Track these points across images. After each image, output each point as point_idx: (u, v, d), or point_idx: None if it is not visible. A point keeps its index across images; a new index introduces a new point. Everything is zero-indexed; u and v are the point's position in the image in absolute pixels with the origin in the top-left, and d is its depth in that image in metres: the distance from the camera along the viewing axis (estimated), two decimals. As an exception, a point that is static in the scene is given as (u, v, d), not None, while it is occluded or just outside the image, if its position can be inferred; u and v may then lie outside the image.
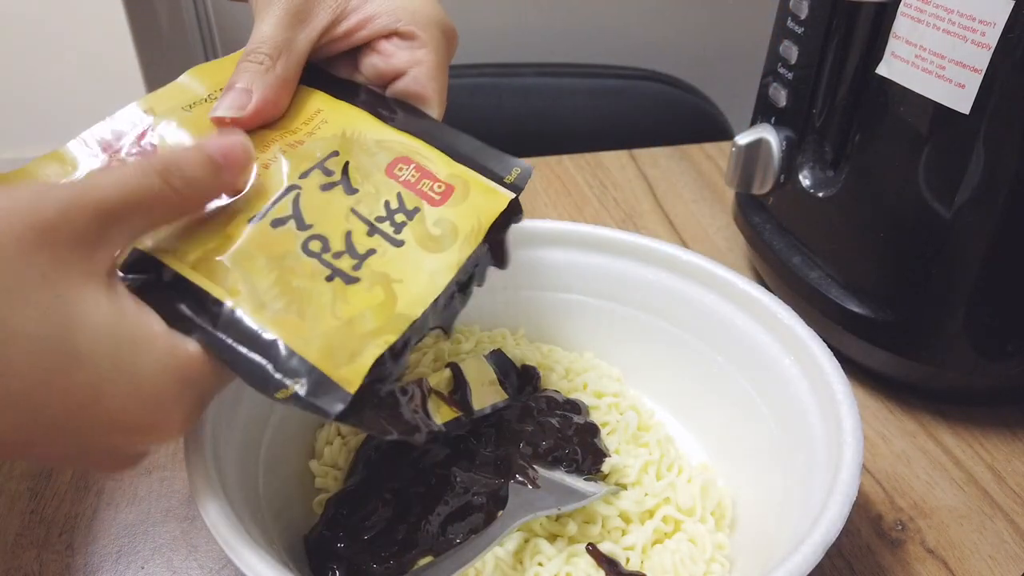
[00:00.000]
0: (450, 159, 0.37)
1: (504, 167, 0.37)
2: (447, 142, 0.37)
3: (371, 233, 0.33)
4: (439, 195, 0.36)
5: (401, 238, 0.34)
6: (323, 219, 0.33)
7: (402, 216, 0.34)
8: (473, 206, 0.36)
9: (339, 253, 0.32)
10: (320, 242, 0.32)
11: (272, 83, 0.36)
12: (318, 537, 0.37)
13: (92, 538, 0.41)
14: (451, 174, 0.36)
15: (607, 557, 0.36)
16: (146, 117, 0.35)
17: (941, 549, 0.42)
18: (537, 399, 0.42)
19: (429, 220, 0.35)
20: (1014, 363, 0.46)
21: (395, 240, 0.34)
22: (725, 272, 0.43)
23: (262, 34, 0.37)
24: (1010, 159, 0.40)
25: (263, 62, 0.36)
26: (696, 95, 0.95)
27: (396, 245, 0.33)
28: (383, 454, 0.40)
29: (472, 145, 0.38)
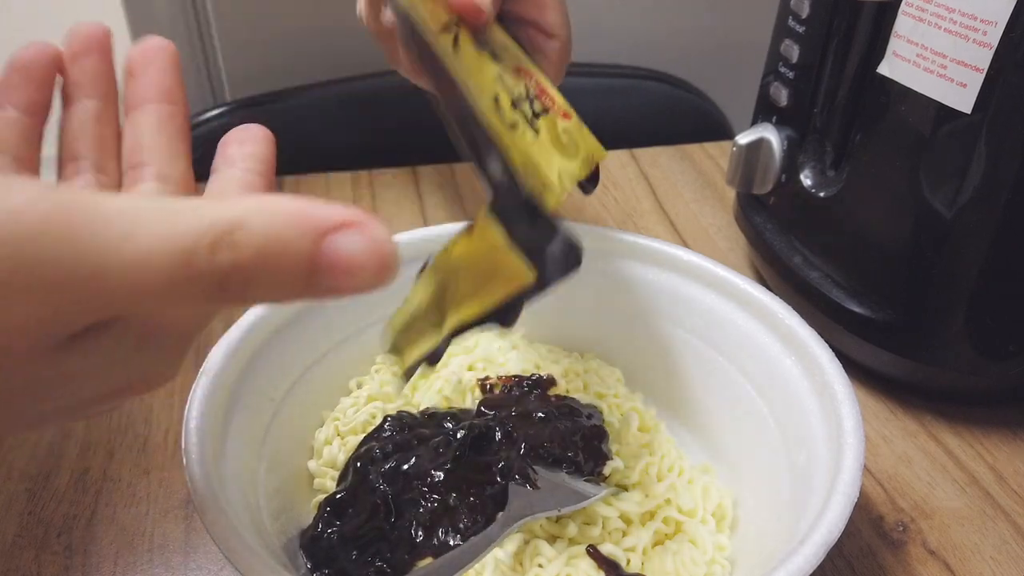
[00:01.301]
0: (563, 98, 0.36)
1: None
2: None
3: (515, 106, 0.33)
4: (561, 112, 0.35)
5: (537, 127, 0.33)
6: (477, 75, 0.33)
7: (540, 104, 0.34)
8: (587, 138, 0.35)
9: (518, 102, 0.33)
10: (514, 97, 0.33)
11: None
12: (311, 538, 0.37)
13: (91, 539, 0.41)
14: (566, 105, 0.36)
15: (608, 559, 0.36)
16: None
17: (942, 550, 0.42)
18: (553, 403, 0.42)
19: (559, 124, 0.34)
20: (1016, 363, 0.46)
21: (533, 126, 0.33)
22: (726, 272, 0.43)
23: None
24: (1012, 159, 0.39)
25: None
26: (697, 94, 0.94)
27: (534, 130, 0.33)
28: (371, 460, 0.39)
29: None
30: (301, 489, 0.41)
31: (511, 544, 0.37)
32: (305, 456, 0.43)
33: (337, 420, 0.44)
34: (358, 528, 0.36)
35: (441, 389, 0.45)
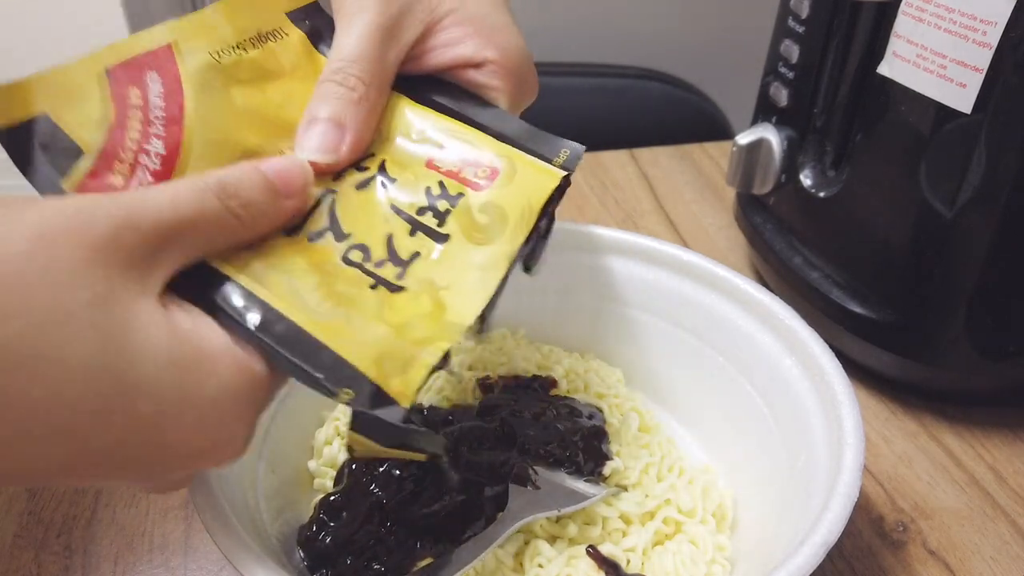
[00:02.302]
0: (494, 140, 0.34)
1: (552, 148, 0.35)
2: (491, 123, 0.35)
3: (413, 232, 0.31)
4: (484, 179, 0.33)
5: (446, 231, 0.32)
6: (362, 224, 0.31)
7: (445, 203, 0.32)
8: (521, 187, 0.33)
9: (381, 261, 0.31)
10: (361, 252, 0.30)
11: (365, 116, 0.33)
12: (306, 539, 0.37)
13: (90, 539, 0.41)
14: (496, 154, 0.34)
15: (608, 559, 0.36)
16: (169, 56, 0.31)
17: (942, 550, 0.42)
18: (554, 404, 0.42)
19: (475, 206, 0.32)
20: (1016, 363, 0.46)
21: (439, 235, 0.32)
22: (726, 272, 0.43)
23: (351, 49, 0.33)
24: (1011, 159, 0.39)
25: (355, 88, 0.32)
26: (697, 94, 0.94)
27: (441, 241, 0.31)
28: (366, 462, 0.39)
29: (518, 126, 0.35)
30: (301, 489, 0.41)
31: (511, 544, 0.37)
32: (305, 456, 0.43)
33: (337, 420, 0.44)
34: (352, 534, 0.36)
35: (442, 389, 0.45)
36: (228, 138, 0.32)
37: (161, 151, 0.30)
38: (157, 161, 0.30)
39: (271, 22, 0.35)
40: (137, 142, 0.30)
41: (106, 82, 0.30)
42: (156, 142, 0.30)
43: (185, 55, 0.31)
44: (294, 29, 0.35)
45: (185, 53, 0.32)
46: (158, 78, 0.31)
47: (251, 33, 0.34)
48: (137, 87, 0.30)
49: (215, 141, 0.31)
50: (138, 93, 0.30)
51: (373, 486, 0.37)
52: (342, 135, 0.32)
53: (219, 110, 0.32)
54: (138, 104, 0.30)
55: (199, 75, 0.32)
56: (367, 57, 0.33)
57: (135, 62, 0.30)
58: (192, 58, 0.32)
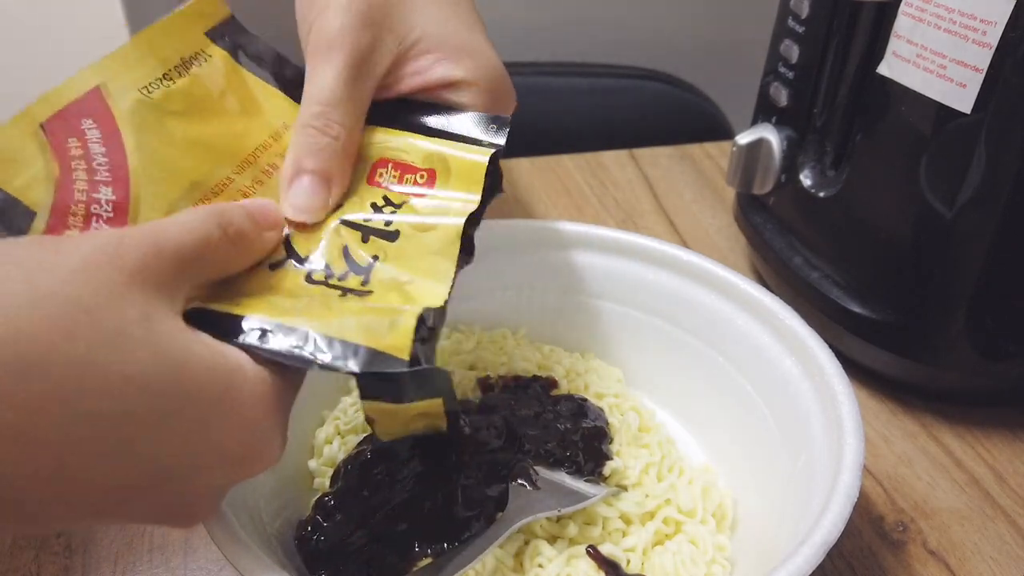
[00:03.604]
0: (422, 136, 0.35)
1: (480, 125, 0.36)
2: (415, 121, 0.36)
3: (366, 238, 0.33)
4: (424, 185, 0.34)
5: (395, 228, 0.33)
6: (316, 245, 0.32)
7: (391, 208, 0.34)
8: (460, 183, 0.34)
9: (344, 274, 0.31)
10: (323, 271, 0.31)
11: (347, 163, 0.33)
12: (301, 539, 0.37)
13: (90, 539, 0.41)
14: (427, 156, 0.35)
15: (608, 559, 0.36)
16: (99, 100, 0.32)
17: (942, 550, 0.42)
18: (556, 401, 0.42)
19: (420, 208, 0.34)
20: (1016, 364, 0.46)
21: (389, 233, 0.33)
22: (726, 272, 0.43)
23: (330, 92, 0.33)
24: (1012, 159, 0.39)
25: (338, 136, 0.33)
26: (697, 94, 0.94)
27: (392, 239, 0.33)
28: (361, 464, 0.39)
29: (442, 116, 0.36)
30: (301, 488, 0.41)
31: (511, 544, 0.37)
32: (305, 455, 0.43)
33: (337, 419, 0.44)
34: (346, 536, 0.36)
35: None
36: (173, 173, 0.32)
37: (111, 197, 0.30)
38: (109, 208, 0.30)
39: (192, 45, 0.35)
40: (86, 192, 0.30)
41: (43, 137, 0.30)
42: (105, 189, 0.30)
43: (115, 96, 0.32)
44: (215, 49, 0.36)
45: (114, 93, 0.32)
46: (93, 124, 0.31)
47: (175, 61, 0.34)
48: (75, 136, 0.30)
49: (161, 178, 0.31)
50: (77, 143, 0.30)
51: (365, 490, 0.37)
52: (328, 190, 0.33)
53: (159, 146, 0.32)
54: (79, 154, 0.30)
55: (133, 114, 0.32)
56: (346, 99, 0.33)
57: (67, 112, 0.31)
58: (122, 98, 0.32)
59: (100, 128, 0.31)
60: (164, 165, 0.32)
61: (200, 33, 0.36)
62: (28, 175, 0.29)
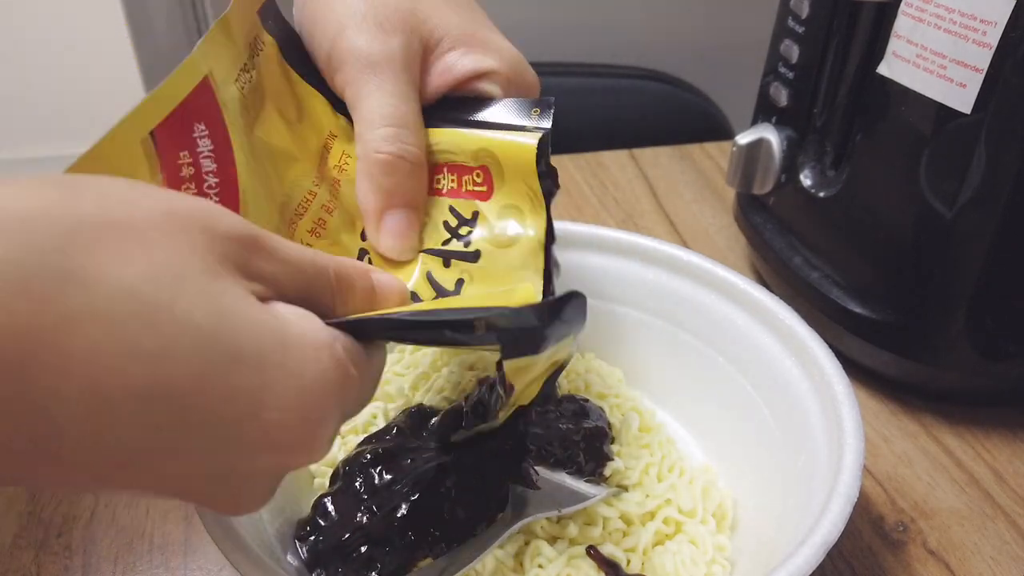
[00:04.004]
0: (466, 132, 0.34)
1: (522, 113, 0.34)
2: (456, 116, 0.34)
3: (447, 263, 0.31)
4: (482, 185, 0.33)
5: (475, 248, 0.32)
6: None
7: (466, 228, 0.32)
8: (515, 173, 0.33)
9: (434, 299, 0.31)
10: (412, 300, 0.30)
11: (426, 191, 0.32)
12: (300, 538, 0.37)
13: (90, 539, 0.41)
14: (477, 152, 0.33)
15: (608, 559, 0.36)
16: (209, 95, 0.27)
17: (942, 550, 0.42)
18: (557, 401, 0.42)
19: (492, 219, 0.32)
20: (1016, 364, 0.46)
21: (470, 254, 0.31)
22: (726, 272, 0.43)
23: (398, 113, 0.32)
24: (1012, 159, 0.39)
25: (417, 161, 0.32)
26: (697, 95, 0.94)
27: (474, 260, 0.31)
28: (360, 465, 0.39)
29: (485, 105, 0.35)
30: (301, 488, 0.41)
31: (511, 545, 0.37)
32: (305, 456, 0.43)
33: (337, 420, 0.43)
34: (343, 537, 0.36)
35: (442, 389, 0.45)
36: (268, 191, 0.29)
37: None
38: None
39: (253, 28, 0.32)
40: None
41: (152, 150, 0.26)
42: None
43: (220, 88, 0.28)
44: (266, 34, 0.33)
45: (220, 85, 0.28)
46: (205, 130, 0.27)
47: (248, 50, 0.31)
48: (186, 149, 0.27)
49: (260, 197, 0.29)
50: (188, 157, 0.27)
51: (363, 491, 0.37)
52: (420, 220, 0.32)
53: (254, 159, 0.29)
54: (189, 174, 0.27)
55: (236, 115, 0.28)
56: (412, 120, 0.32)
57: (178, 115, 0.27)
58: (226, 91, 0.28)
59: (211, 135, 0.27)
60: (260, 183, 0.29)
61: (255, 12, 0.32)
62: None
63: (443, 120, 0.34)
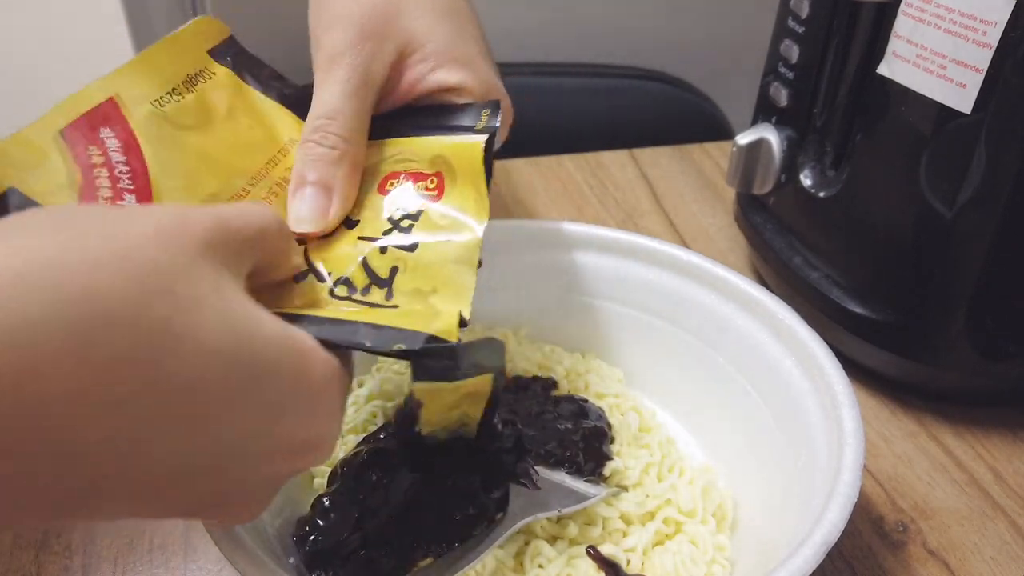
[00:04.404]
0: (423, 138, 0.35)
1: (473, 115, 0.36)
2: (415, 123, 0.36)
3: (384, 250, 0.32)
4: (434, 190, 0.34)
5: (413, 239, 0.33)
6: (335, 261, 0.32)
7: (408, 221, 0.33)
8: (465, 175, 0.34)
9: (366, 288, 0.31)
10: (345, 286, 0.31)
11: (349, 175, 0.34)
12: (299, 538, 0.37)
13: (90, 539, 0.41)
14: (434, 158, 0.35)
15: (608, 559, 0.36)
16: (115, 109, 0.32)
17: (942, 550, 0.42)
18: (556, 401, 0.42)
19: (435, 217, 0.33)
20: (1016, 364, 0.46)
21: (408, 245, 0.32)
22: (726, 272, 0.43)
23: (328, 106, 0.33)
24: (1012, 159, 0.39)
25: (335, 145, 0.33)
26: (697, 95, 0.94)
27: (411, 250, 0.32)
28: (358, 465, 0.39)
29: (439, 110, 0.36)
30: (301, 488, 0.41)
31: (511, 545, 0.37)
32: (305, 456, 0.43)
33: (337, 420, 0.43)
34: (341, 538, 0.36)
35: (441, 389, 0.45)
36: (191, 184, 0.32)
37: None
38: None
39: (196, 63, 0.36)
40: (110, 200, 0.30)
41: (63, 144, 0.29)
42: (129, 197, 0.30)
43: (129, 106, 0.32)
44: (218, 67, 0.36)
45: (128, 104, 0.32)
46: (111, 132, 0.31)
47: (181, 77, 0.34)
48: (94, 144, 0.30)
49: (181, 188, 0.31)
50: (97, 150, 0.30)
51: (361, 492, 0.37)
52: (329, 199, 0.33)
53: (176, 158, 0.32)
54: (100, 162, 0.30)
55: (147, 125, 0.32)
56: (344, 110, 0.34)
57: (85, 120, 0.30)
58: (137, 109, 0.32)
59: (118, 137, 0.31)
60: (182, 176, 0.32)
61: (203, 52, 0.36)
62: (51, 181, 0.29)
63: (402, 127, 0.36)
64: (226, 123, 0.35)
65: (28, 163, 0.29)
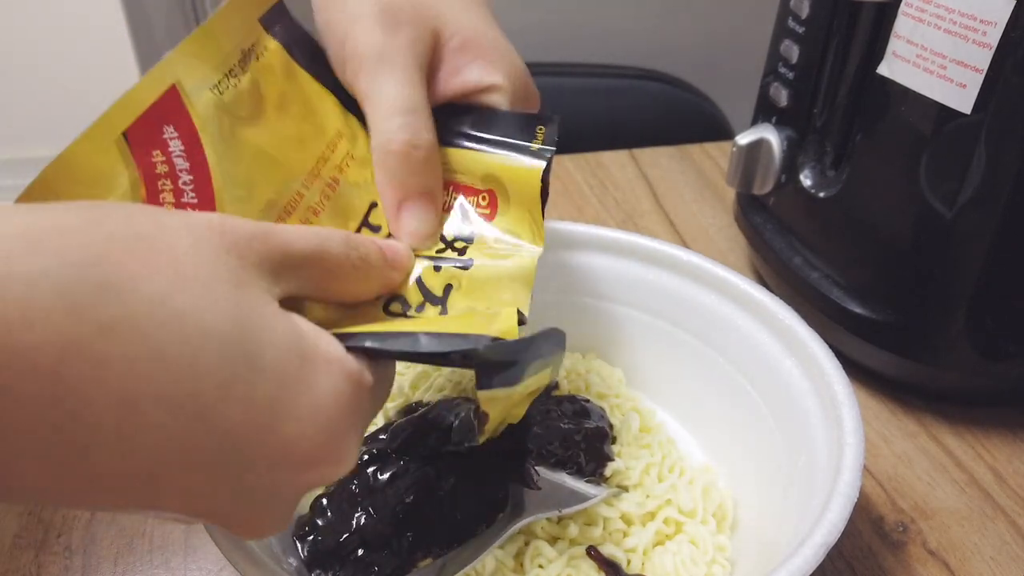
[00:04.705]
0: (475, 152, 0.34)
1: (528, 130, 0.34)
2: (464, 131, 0.34)
3: (438, 267, 0.31)
4: (487, 208, 0.33)
5: (468, 258, 0.32)
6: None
7: (461, 243, 0.32)
8: (519, 199, 0.33)
9: (420, 305, 0.30)
10: (399, 303, 0.30)
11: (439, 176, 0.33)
12: (298, 537, 0.37)
13: (90, 540, 0.41)
14: (485, 176, 0.33)
15: (608, 559, 0.36)
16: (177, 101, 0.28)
17: (942, 550, 0.42)
18: (558, 402, 0.42)
19: (489, 239, 0.33)
20: (1016, 364, 0.46)
21: (463, 263, 0.31)
22: (726, 273, 0.43)
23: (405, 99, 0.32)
24: (1012, 159, 0.39)
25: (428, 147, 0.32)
26: (697, 95, 0.94)
27: (466, 268, 0.31)
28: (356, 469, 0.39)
29: (491, 119, 0.34)
30: (301, 489, 0.41)
31: (512, 545, 0.37)
32: (305, 456, 0.43)
33: (337, 420, 0.43)
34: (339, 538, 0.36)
35: (442, 387, 0.45)
36: (251, 191, 0.30)
37: None
38: None
39: (250, 34, 0.32)
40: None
41: (127, 150, 0.27)
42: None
43: (191, 95, 0.29)
44: (270, 40, 0.33)
45: (191, 93, 0.29)
46: (175, 132, 0.28)
47: (236, 55, 0.31)
48: (159, 148, 0.27)
49: (242, 198, 0.29)
50: (161, 156, 0.27)
51: (359, 493, 0.37)
52: (438, 207, 0.32)
53: (236, 160, 0.30)
54: (164, 171, 0.27)
55: (209, 119, 0.29)
56: (424, 107, 0.32)
57: (148, 117, 0.27)
58: (198, 98, 0.29)
59: (182, 137, 0.28)
60: (243, 182, 0.29)
61: (254, 20, 0.33)
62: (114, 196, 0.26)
63: (450, 134, 0.34)
64: (278, 113, 0.32)
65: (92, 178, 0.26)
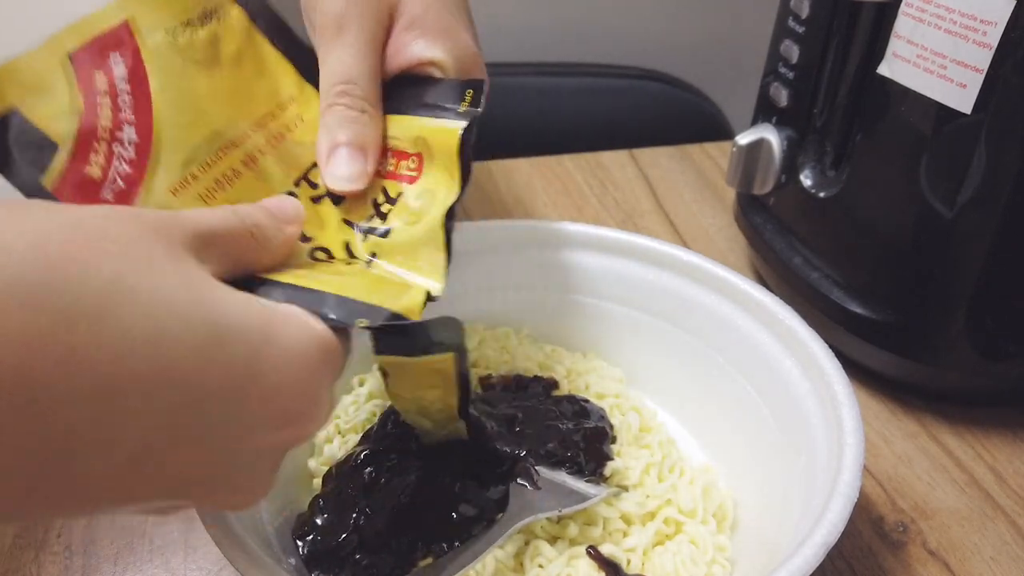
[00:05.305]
0: (409, 118, 0.35)
1: (457, 95, 0.35)
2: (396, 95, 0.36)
3: (366, 238, 0.33)
4: (415, 170, 0.34)
5: (388, 225, 0.33)
6: (320, 232, 0.33)
7: (387, 206, 0.34)
8: (440, 160, 0.34)
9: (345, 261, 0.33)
10: (324, 252, 0.32)
11: (378, 138, 0.34)
12: (298, 536, 0.37)
13: (90, 540, 0.41)
14: (416, 139, 0.35)
15: (608, 559, 0.36)
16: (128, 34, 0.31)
17: (942, 550, 0.42)
18: (557, 401, 0.42)
19: (410, 201, 0.34)
20: (1016, 364, 0.46)
21: (383, 232, 0.33)
22: (726, 273, 0.43)
23: (351, 69, 0.34)
24: (1012, 159, 0.39)
25: (364, 109, 0.34)
26: (697, 95, 0.94)
27: (387, 236, 0.33)
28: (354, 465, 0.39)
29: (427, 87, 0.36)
30: (301, 487, 0.41)
31: (512, 545, 0.37)
32: (305, 454, 0.43)
33: (338, 418, 0.44)
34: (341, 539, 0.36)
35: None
36: (195, 119, 0.32)
37: (134, 138, 0.30)
38: (131, 149, 0.29)
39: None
40: (109, 130, 0.29)
41: (71, 68, 0.29)
42: (128, 129, 0.30)
43: (143, 32, 0.31)
44: (235, 7, 0.35)
45: (143, 30, 0.31)
46: (120, 59, 0.30)
47: (198, 11, 0.33)
48: (102, 70, 0.30)
49: (184, 123, 0.31)
50: (104, 77, 0.29)
51: (356, 493, 0.37)
52: (365, 159, 0.34)
53: (183, 90, 0.31)
54: (104, 89, 0.29)
55: (159, 55, 0.31)
56: (365, 75, 0.34)
57: (96, 43, 0.30)
58: (150, 36, 0.31)
59: (127, 64, 0.30)
60: (187, 110, 0.31)
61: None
62: (55, 106, 0.28)
63: (391, 103, 0.36)
64: (233, 66, 0.34)
65: (34, 85, 0.28)
